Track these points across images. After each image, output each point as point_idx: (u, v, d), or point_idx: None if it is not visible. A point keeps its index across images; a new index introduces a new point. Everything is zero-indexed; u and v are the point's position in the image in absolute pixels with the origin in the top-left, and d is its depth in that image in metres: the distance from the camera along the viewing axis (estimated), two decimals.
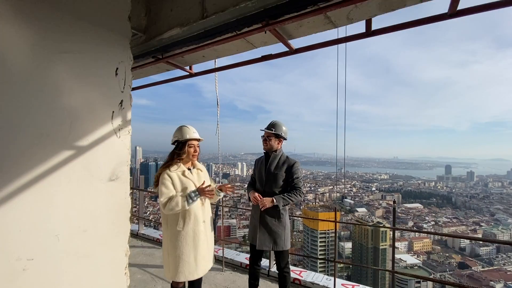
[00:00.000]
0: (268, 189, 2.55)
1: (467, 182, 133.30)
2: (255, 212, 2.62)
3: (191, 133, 2.18)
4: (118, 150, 2.03)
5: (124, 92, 2.07)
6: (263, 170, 2.61)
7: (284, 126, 2.62)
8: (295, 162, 2.57)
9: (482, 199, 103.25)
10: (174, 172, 2.12)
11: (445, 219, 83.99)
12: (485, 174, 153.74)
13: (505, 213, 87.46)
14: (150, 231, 5.26)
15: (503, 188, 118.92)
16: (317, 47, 2.21)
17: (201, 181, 2.26)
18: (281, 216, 2.52)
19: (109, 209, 1.95)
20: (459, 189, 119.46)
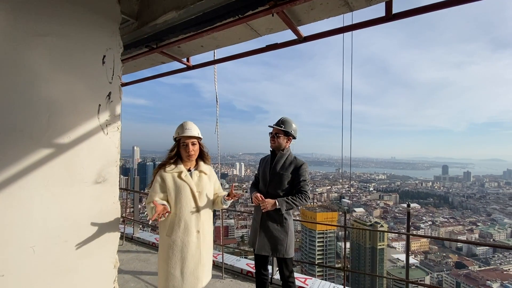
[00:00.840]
0: (271, 191, 2.33)
1: (464, 182, 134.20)
2: (256, 214, 2.39)
3: (183, 129, 1.88)
4: (106, 148, 1.79)
5: (113, 83, 1.84)
6: (267, 170, 2.38)
7: (294, 124, 2.40)
8: (303, 163, 2.35)
9: (478, 199, 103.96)
10: (169, 173, 1.88)
11: (442, 219, 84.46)
12: (481, 174, 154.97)
13: (502, 213, 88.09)
14: (146, 234, 5.01)
15: (499, 188, 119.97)
16: (329, 35, 1.99)
17: (202, 185, 1.93)
18: (284, 221, 2.29)
19: (94, 215, 1.72)
20: (456, 189, 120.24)
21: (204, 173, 1.98)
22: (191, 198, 1.85)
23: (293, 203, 2.22)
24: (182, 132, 1.87)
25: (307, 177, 2.34)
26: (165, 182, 1.83)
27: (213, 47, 2.37)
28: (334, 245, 61.31)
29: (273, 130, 2.40)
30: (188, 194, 1.84)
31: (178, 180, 1.87)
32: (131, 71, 3.13)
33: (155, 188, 1.81)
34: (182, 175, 1.86)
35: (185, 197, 1.83)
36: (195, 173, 1.94)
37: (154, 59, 2.73)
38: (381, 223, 65.74)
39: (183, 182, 1.87)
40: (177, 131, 1.93)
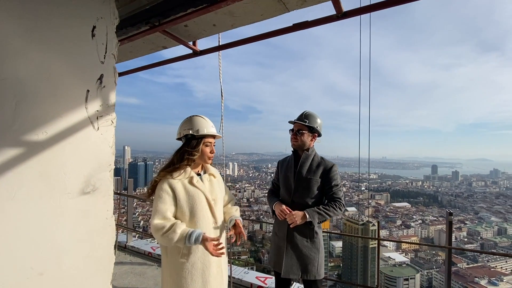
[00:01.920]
0: (298, 199, 1.95)
1: (452, 181, 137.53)
2: (280, 229, 2.01)
3: (209, 127, 1.58)
4: (96, 148, 1.37)
5: (106, 63, 1.42)
6: (291, 175, 2.00)
7: (319, 118, 2.02)
8: (333, 165, 1.98)
9: (466, 198, 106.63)
10: (178, 180, 1.49)
11: (431, 217, 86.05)
12: (469, 174, 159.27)
13: (488, 211, 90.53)
14: (141, 243, 4.55)
15: (486, 187, 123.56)
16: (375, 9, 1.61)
17: (215, 191, 1.63)
18: (315, 235, 1.92)
19: (81, 237, 1.29)
20: (445, 188, 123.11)
21: (213, 176, 1.69)
22: (207, 208, 1.54)
23: (326, 213, 1.85)
24: (208, 129, 1.56)
25: (339, 181, 1.98)
26: (175, 192, 1.45)
27: (227, 26, 1.97)
28: (327, 244, 61.55)
29: (294, 126, 2.02)
30: (204, 203, 1.53)
31: (190, 187, 1.50)
32: (127, 58, 2.69)
33: (164, 201, 1.42)
34: (194, 181, 1.52)
35: (201, 207, 1.51)
36: (205, 177, 1.63)
37: (154, 42, 2.29)
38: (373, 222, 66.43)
39: (196, 189, 1.51)
40: (198, 126, 1.55)
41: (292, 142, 2.03)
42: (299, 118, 2.01)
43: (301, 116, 2.01)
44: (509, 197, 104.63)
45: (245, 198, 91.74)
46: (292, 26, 1.88)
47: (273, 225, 2.17)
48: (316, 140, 2.06)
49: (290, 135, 2.06)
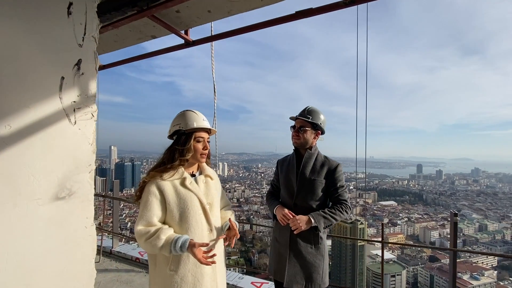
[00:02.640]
0: (301, 203, 1.80)
1: (436, 180, 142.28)
2: (281, 234, 1.86)
3: (200, 120, 1.41)
4: (73, 145, 1.17)
5: (84, 46, 1.21)
6: (293, 175, 1.85)
7: (322, 114, 1.88)
8: (338, 165, 1.85)
9: (449, 195, 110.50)
10: (168, 181, 1.31)
11: (417, 215, 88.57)
12: (452, 173, 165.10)
13: (470, 209, 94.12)
14: (128, 248, 4.29)
15: (468, 186, 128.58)
16: None
17: (211, 195, 1.44)
18: (319, 241, 1.78)
19: (54, 250, 1.09)
20: (429, 186, 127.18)
21: (210, 178, 1.50)
22: (202, 213, 1.36)
23: (332, 217, 1.71)
24: (198, 123, 1.38)
25: (344, 183, 1.84)
26: (165, 195, 1.28)
27: (223, 13, 1.80)
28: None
29: (296, 122, 1.88)
30: (197, 208, 1.34)
31: (181, 189, 1.33)
32: (112, 48, 2.46)
33: (151, 206, 1.25)
34: (186, 183, 1.34)
35: (194, 213, 1.32)
36: (200, 178, 1.44)
37: (142, 31, 2.09)
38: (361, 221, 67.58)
39: (188, 192, 1.34)
40: (186, 121, 1.38)
41: (293, 140, 1.88)
42: (301, 114, 1.86)
43: (304, 111, 1.86)
44: (489, 195, 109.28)
45: (235, 198, 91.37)
46: (295, 14, 1.72)
47: (273, 230, 2.02)
48: (319, 138, 1.92)
49: (292, 132, 1.91)
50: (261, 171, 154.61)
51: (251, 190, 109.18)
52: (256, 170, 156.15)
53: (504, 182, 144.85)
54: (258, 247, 67.41)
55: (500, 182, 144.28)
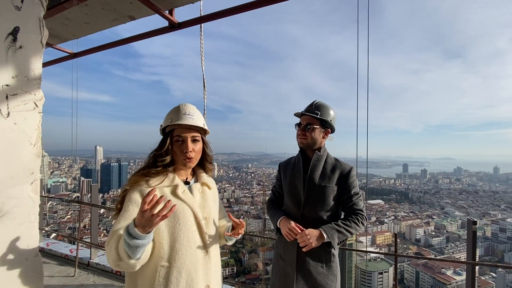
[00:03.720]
0: (309, 213, 1.52)
1: (421, 179, 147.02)
2: (286, 251, 1.56)
3: (180, 115, 1.14)
4: (5, 147, 0.83)
5: (24, 11, 0.87)
6: (299, 181, 1.56)
7: (332, 110, 1.61)
8: (351, 168, 1.58)
9: (433, 194, 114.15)
10: (155, 187, 1.01)
11: (403, 213, 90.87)
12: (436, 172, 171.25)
13: (453, 206, 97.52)
14: None
15: (451, 184, 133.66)
16: None
17: (208, 207, 1.19)
18: (331, 258, 1.50)
19: None
20: (415, 185, 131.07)
21: (207, 187, 1.25)
22: (195, 230, 1.11)
23: (347, 230, 1.44)
24: (178, 118, 1.13)
25: (358, 189, 1.57)
26: None
27: None
28: None
29: (302, 119, 1.59)
30: (190, 223, 1.10)
31: (172, 199, 1.08)
32: (83, 32, 2.10)
33: (130, 214, 1.00)
34: (178, 191, 1.11)
35: (186, 229, 1.08)
36: (195, 187, 1.20)
37: (117, 10, 1.74)
38: None
39: (181, 203, 1.10)
40: (169, 117, 1.16)
41: (299, 139, 1.59)
42: (308, 110, 1.58)
43: (311, 106, 1.58)
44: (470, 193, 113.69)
45: (225, 199, 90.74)
46: None
47: (275, 245, 1.72)
48: (329, 137, 1.64)
49: (297, 130, 1.62)
50: (251, 171, 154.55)
51: (241, 190, 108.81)
52: (246, 170, 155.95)
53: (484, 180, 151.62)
54: (248, 247, 67.06)
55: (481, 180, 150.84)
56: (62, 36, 2.25)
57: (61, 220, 68.88)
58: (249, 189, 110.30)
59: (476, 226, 1.95)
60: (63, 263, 3.81)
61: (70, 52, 2.51)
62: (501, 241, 72.76)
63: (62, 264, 3.78)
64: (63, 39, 2.36)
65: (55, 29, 2.10)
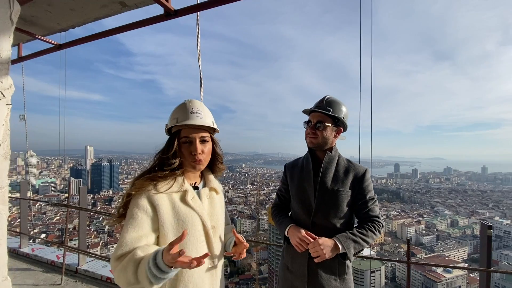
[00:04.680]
0: (321, 221, 1.38)
1: (412, 178, 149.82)
2: (294, 263, 1.42)
3: (186, 113, 1.04)
4: None
5: None
6: (309, 185, 1.42)
7: (344, 106, 1.47)
8: (365, 170, 1.44)
9: (424, 193, 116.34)
10: (164, 194, 0.98)
11: (394, 212, 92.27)
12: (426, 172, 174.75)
13: (443, 205, 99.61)
14: (97, 265, 3.67)
15: (441, 184, 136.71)
16: None
17: (216, 214, 1.10)
18: (345, 270, 1.37)
19: None
20: (406, 185, 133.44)
21: (215, 192, 1.17)
22: (204, 240, 1.03)
23: (363, 240, 1.30)
24: (185, 117, 1.03)
25: (374, 193, 1.44)
26: (158, 213, 0.95)
27: None
28: None
29: (312, 117, 1.44)
30: (199, 232, 1.02)
31: (181, 206, 0.99)
32: (69, 21, 1.90)
33: (139, 223, 0.92)
34: (187, 198, 1.01)
35: (195, 239, 1.00)
36: (204, 192, 1.11)
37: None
38: None
39: (190, 210, 1.01)
40: (175, 116, 1.06)
41: (309, 139, 1.44)
42: (319, 106, 1.43)
43: (322, 102, 1.43)
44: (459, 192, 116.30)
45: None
46: None
47: (281, 255, 1.57)
48: (340, 136, 1.50)
49: (306, 129, 1.47)
50: (245, 171, 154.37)
51: (235, 190, 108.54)
52: (240, 170, 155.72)
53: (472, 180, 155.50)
54: None
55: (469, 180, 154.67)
56: (46, 25, 2.06)
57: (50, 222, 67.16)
58: (243, 189, 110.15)
59: (491, 231, 1.85)
60: (49, 270, 3.58)
61: (55, 43, 2.31)
62: None
63: (48, 271, 3.55)
64: (47, 29, 2.16)
65: (37, 16, 1.90)
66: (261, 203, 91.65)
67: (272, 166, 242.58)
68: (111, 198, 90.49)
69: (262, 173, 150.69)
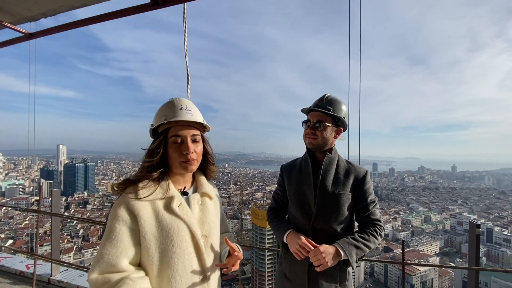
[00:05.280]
0: (321, 226, 1.31)
1: (389, 177, 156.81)
2: (293, 270, 1.35)
3: (175, 110, 0.95)
4: None
5: None
6: (309, 188, 1.35)
7: (344, 105, 1.41)
8: (366, 172, 1.40)
9: (400, 191, 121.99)
10: (146, 202, 0.88)
11: None
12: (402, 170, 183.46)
13: (417, 203, 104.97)
14: (72, 275, 3.39)
15: (415, 182, 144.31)
16: None
17: (207, 222, 0.99)
18: (347, 277, 1.32)
19: None
20: (383, 183, 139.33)
21: (209, 197, 1.06)
22: (193, 252, 0.93)
23: (365, 245, 1.26)
24: (174, 114, 0.94)
25: (374, 196, 1.40)
26: (139, 223, 0.85)
27: None
28: None
29: (311, 116, 1.37)
30: (186, 245, 0.91)
31: (165, 215, 0.89)
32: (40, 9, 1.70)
33: (117, 237, 0.82)
34: (173, 205, 0.91)
35: (182, 252, 0.90)
36: (194, 198, 1.00)
37: None
38: None
39: (176, 219, 0.90)
40: (162, 113, 0.96)
41: (308, 139, 1.38)
42: (318, 105, 1.36)
43: (322, 101, 1.36)
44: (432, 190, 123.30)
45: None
46: None
47: (278, 262, 1.50)
48: (340, 136, 1.45)
49: (305, 129, 1.40)
50: (228, 171, 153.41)
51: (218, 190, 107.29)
52: (223, 170, 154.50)
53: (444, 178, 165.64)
54: None
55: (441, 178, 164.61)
56: (15, 11, 1.83)
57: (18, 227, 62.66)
58: (226, 189, 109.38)
59: (480, 229, 1.89)
60: (18, 282, 3.26)
61: (25, 32, 2.07)
62: (458, 233, 79.66)
63: (17, 282, 3.23)
64: (16, 16, 1.93)
65: (4, 1, 1.69)
66: (244, 203, 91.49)
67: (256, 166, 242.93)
68: (86, 201, 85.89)
69: (245, 173, 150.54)
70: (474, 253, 1.90)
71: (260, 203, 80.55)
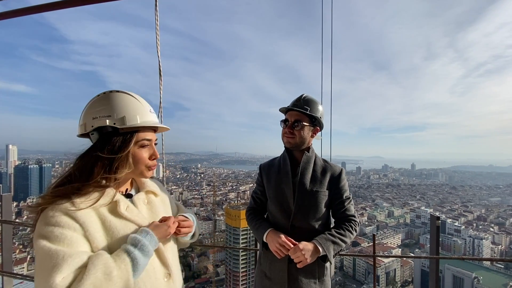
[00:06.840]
0: (300, 223, 1.33)
1: (357, 175, 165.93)
2: (273, 269, 1.35)
3: (146, 112, 0.90)
4: None
5: None
6: (288, 186, 1.36)
7: (320, 105, 1.45)
8: (341, 170, 1.45)
9: (366, 188, 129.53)
10: (89, 209, 0.78)
11: None
12: (368, 169, 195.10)
13: (381, 198, 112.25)
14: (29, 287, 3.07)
15: (380, 179, 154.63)
16: None
17: (159, 217, 0.95)
18: (325, 272, 1.36)
19: None
20: (351, 181, 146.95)
21: (154, 195, 1.03)
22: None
23: (342, 240, 1.30)
24: (144, 116, 0.88)
25: (350, 193, 1.46)
26: (87, 231, 0.75)
27: None
28: None
29: (289, 116, 1.40)
30: None
31: (113, 221, 0.82)
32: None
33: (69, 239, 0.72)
34: (120, 209, 0.85)
35: None
36: (139, 198, 0.95)
37: None
38: None
39: (126, 223, 0.85)
40: (133, 112, 0.87)
41: (286, 138, 1.39)
42: (296, 104, 1.39)
43: (300, 101, 1.39)
44: (394, 186, 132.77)
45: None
46: None
47: (257, 262, 1.49)
48: (316, 136, 1.49)
49: (283, 128, 1.42)
50: (200, 171, 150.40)
51: (190, 192, 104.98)
52: (195, 171, 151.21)
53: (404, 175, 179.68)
54: (197, 251, 64.89)
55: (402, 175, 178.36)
56: None
57: None
58: (198, 190, 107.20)
59: (439, 221, 2.06)
60: None
61: None
62: (417, 226, 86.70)
63: None
64: None
65: None
66: (217, 203, 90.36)
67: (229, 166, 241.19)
68: None
69: (218, 173, 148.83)
70: (435, 243, 2.07)
71: (234, 203, 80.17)
